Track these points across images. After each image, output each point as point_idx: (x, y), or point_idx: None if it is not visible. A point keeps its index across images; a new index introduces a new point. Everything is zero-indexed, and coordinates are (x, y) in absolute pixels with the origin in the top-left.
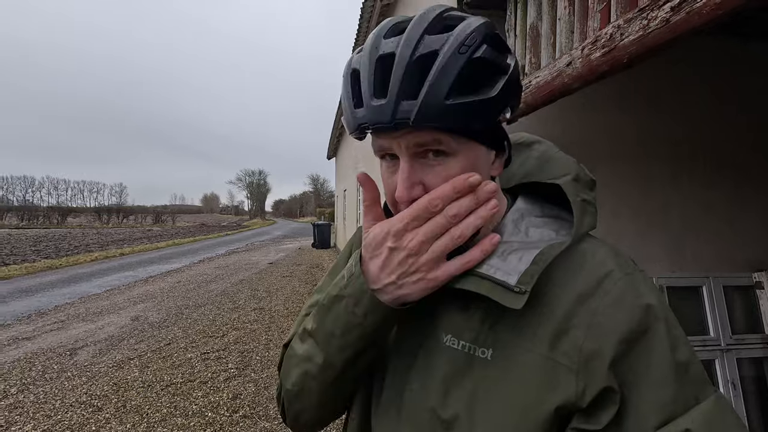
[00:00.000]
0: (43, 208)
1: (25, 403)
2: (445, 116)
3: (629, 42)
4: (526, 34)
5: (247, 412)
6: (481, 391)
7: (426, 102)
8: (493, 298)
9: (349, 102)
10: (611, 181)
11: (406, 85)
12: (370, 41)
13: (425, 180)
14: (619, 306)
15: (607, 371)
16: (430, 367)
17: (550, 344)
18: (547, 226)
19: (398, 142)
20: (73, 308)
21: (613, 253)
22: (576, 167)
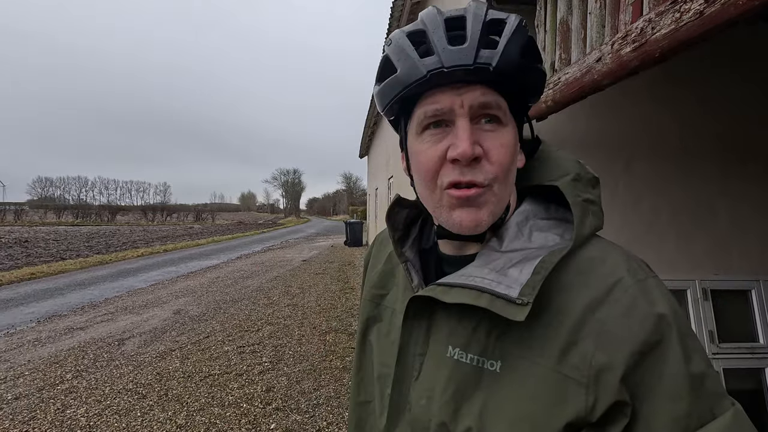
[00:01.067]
0: (95, 207)
1: (78, 388)
2: (518, 69)
3: (661, 36)
4: (556, 29)
5: (279, 405)
6: (491, 405)
7: (507, 51)
8: (494, 311)
9: (411, 56)
10: (650, 179)
11: (485, 36)
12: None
13: (482, 143)
14: (630, 316)
15: (619, 384)
16: (437, 381)
17: (559, 357)
18: (551, 230)
19: (461, 100)
20: (121, 301)
21: (623, 258)
22: (576, 166)
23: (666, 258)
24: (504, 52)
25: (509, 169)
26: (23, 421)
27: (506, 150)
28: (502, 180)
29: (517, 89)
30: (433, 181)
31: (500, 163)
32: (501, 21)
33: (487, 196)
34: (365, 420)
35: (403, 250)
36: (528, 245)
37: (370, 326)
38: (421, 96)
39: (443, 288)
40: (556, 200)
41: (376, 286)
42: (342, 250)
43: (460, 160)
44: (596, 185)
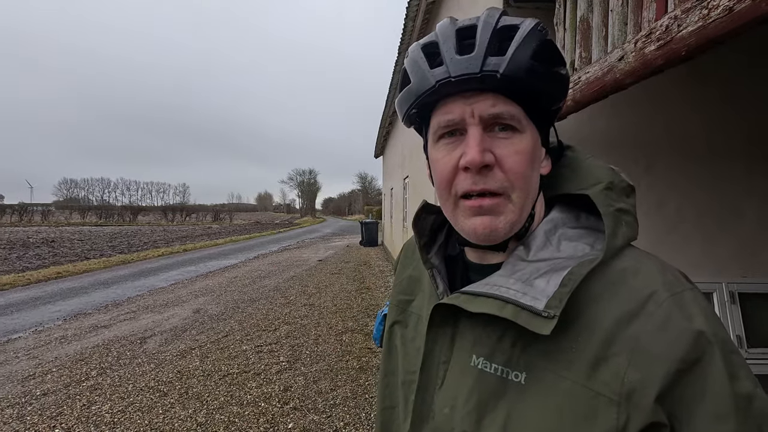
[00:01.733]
0: (117, 207)
1: (103, 385)
2: (530, 75)
3: (687, 33)
4: (576, 28)
5: (296, 404)
6: (515, 417)
7: (515, 57)
8: (519, 323)
9: (422, 67)
10: (674, 179)
11: (493, 43)
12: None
13: (495, 150)
14: (665, 331)
15: (654, 404)
16: (460, 390)
17: (588, 372)
18: (581, 239)
19: (472, 109)
20: (143, 300)
21: (657, 269)
22: (609, 174)
23: (691, 260)
24: (512, 58)
25: (526, 176)
26: (51, 417)
27: (521, 157)
28: (520, 188)
29: (533, 95)
30: (447, 189)
31: (514, 170)
32: (513, 27)
33: (504, 205)
34: (390, 425)
35: (429, 256)
36: (556, 255)
37: (396, 332)
38: (436, 105)
39: (468, 297)
40: (587, 209)
41: (403, 291)
42: (357, 250)
43: (470, 168)
44: (631, 194)
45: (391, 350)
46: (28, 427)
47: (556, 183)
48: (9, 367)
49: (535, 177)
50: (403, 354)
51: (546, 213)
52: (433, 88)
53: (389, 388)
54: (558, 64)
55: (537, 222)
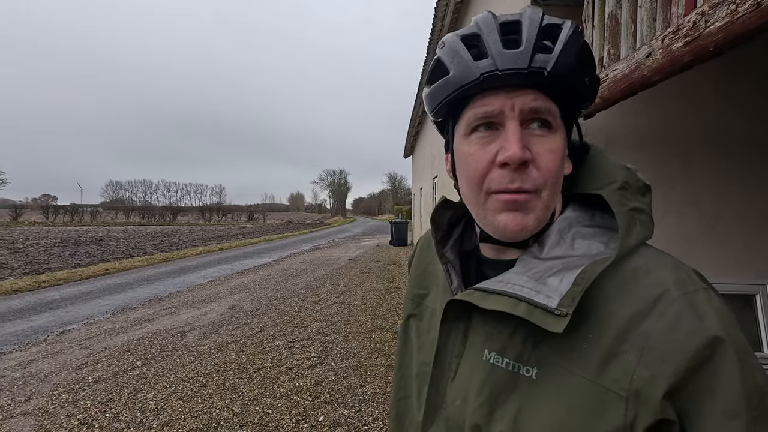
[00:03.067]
0: (158, 208)
1: (147, 374)
2: (572, 75)
3: (715, 29)
4: (604, 24)
5: (327, 399)
6: (526, 410)
7: (562, 56)
8: (532, 321)
9: (465, 58)
10: (711, 177)
11: (540, 40)
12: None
13: (531, 148)
14: (676, 330)
15: (662, 401)
16: (472, 383)
17: (598, 369)
18: (595, 238)
19: (512, 103)
20: (183, 296)
21: (670, 268)
22: (624, 173)
23: (732, 260)
24: (559, 57)
25: (557, 175)
26: (102, 402)
27: (555, 156)
28: (551, 186)
29: (569, 95)
30: (479, 184)
31: (549, 169)
32: (557, 26)
33: (535, 202)
34: (404, 415)
35: (444, 251)
36: (570, 253)
37: (411, 324)
38: (472, 98)
39: (481, 294)
40: (602, 207)
41: (418, 285)
42: (387, 250)
43: (509, 164)
44: (646, 193)
45: (407, 342)
46: (81, 411)
47: (573, 182)
48: (64, 355)
49: (562, 177)
50: (418, 346)
51: (561, 211)
52: (478, 80)
53: (404, 379)
54: (593, 66)
55: (554, 220)
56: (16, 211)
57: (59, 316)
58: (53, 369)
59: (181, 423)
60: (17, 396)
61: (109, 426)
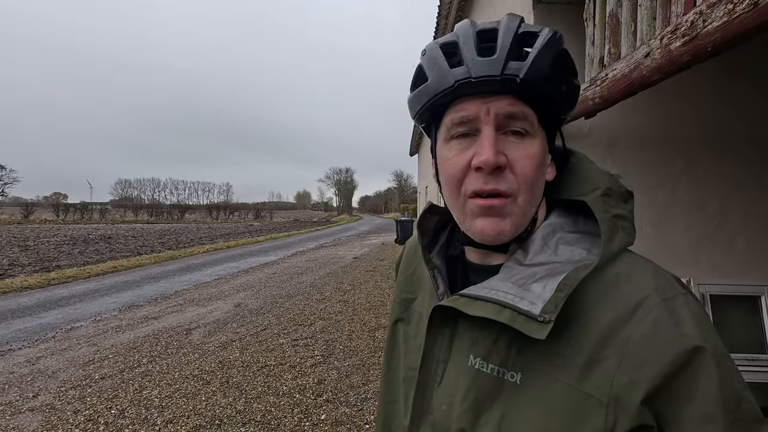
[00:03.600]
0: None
1: (152, 372)
2: (547, 81)
3: (713, 29)
4: (605, 23)
5: (329, 397)
6: (510, 415)
7: (535, 63)
8: (516, 327)
9: (442, 66)
10: (715, 178)
11: (514, 48)
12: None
13: (507, 153)
14: (655, 335)
15: (640, 406)
16: (458, 388)
17: (580, 375)
18: (578, 244)
19: (487, 108)
20: (189, 294)
21: (650, 275)
22: (607, 180)
23: (737, 260)
24: (533, 63)
25: (534, 180)
26: (108, 399)
27: (531, 161)
28: (527, 191)
29: (546, 101)
30: (457, 188)
31: (524, 174)
32: (533, 34)
33: (511, 206)
34: (391, 419)
35: (430, 256)
36: (553, 259)
37: (399, 328)
38: (450, 105)
39: (466, 300)
40: (586, 213)
41: (405, 290)
42: (392, 248)
43: (483, 168)
44: (629, 200)
45: (394, 347)
46: (88, 407)
47: (557, 188)
48: (72, 352)
49: (541, 182)
50: (405, 351)
51: (545, 217)
52: (452, 87)
53: (391, 383)
54: (572, 73)
55: (537, 226)
56: (27, 209)
57: (67, 313)
58: (61, 365)
59: (185, 420)
60: (25, 392)
61: (114, 422)
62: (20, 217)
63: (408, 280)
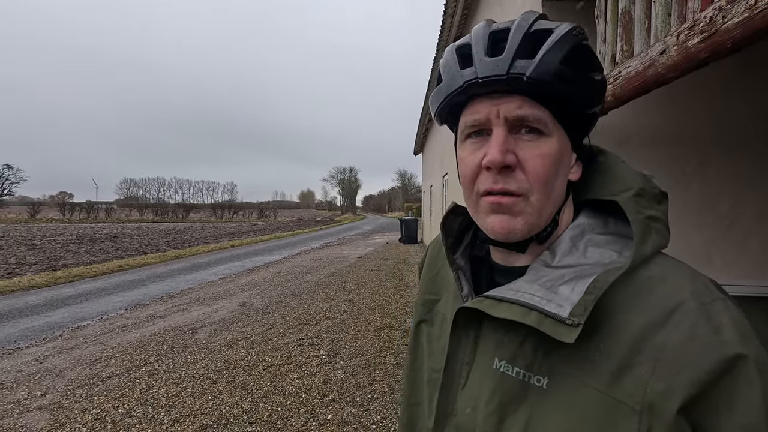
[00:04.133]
0: (171, 205)
1: (159, 370)
2: (559, 79)
3: (733, 25)
4: (617, 20)
5: (336, 397)
6: (536, 420)
7: (543, 60)
8: (543, 330)
9: (453, 67)
10: (728, 177)
11: (524, 46)
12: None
13: (519, 152)
14: (691, 341)
15: (676, 415)
16: (482, 391)
17: (611, 381)
18: (608, 246)
19: (497, 110)
20: (194, 293)
21: (686, 278)
22: (640, 180)
23: (751, 260)
24: (541, 61)
25: (547, 180)
26: (115, 398)
27: (544, 161)
28: (539, 190)
29: (562, 99)
30: (470, 187)
31: (536, 173)
32: (547, 31)
33: (522, 205)
34: (415, 421)
35: (455, 257)
36: (582, 261)
37: (423, 330)
38: (465, 106)
39: (491, 301)
40: (617, 214)
41: (429, 291)
42: (397, 248)
43: (492, 168)
44: (663, 201)
45: (417, 348)
46: (95, 406)
47: (586, 188)
48: (79, 351)
49: (560, 182)
50: (429, 352)
51: (574, 218)
52: (461, 87)
53: (415, 384)
54: (592, 69)
55: (563, 227)
56: (34, 208)
57: (74, 312)
58: (68, 364)
59: (192, 419)
60: (33, 390)
61: (121, 421)
62: (27, 216)
63: (432, 281)
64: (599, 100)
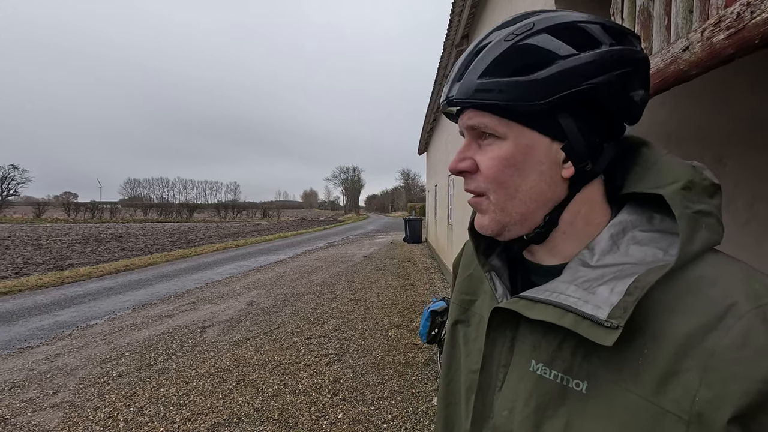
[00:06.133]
0: (175, 205)
1: (169, 369)
2: (474, 94)
3: (762, 20)
4: (635, 17)
5: (346, 396)
6: (575, 425)
7: (464, 81)
8: (580, 332)
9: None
10: (742, 177)
11: (462, 70)
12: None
13: (476, 156)
14: (745, 347)
15: (726, 426)
16: (519, 394)
17: (656, 387)
18: (653, 244)
19: (460, 123)
20: (201, 292)
21: (741, 278)
22: (689, 172)
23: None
24: (463, 81)
25: (500, 179)
26: (126, 396)
27: (495, 162)
28: (495, 190)
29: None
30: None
31: (486, 174)
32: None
33: (486, 204)
34: (453, 421)
35: (489, 258)
36: (624, 260)
37: (459, 330)
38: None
39: (526, 302)
40: (663, 210)
41: (465, 291)
42: (401, 247)
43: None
44: (715, 194)
45: (454, 347)
46: (107, 405)
47: (626, 181)
48: (89, 350)
49: (522, 182)
50: (466, 353)
51: (614, 214)
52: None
53: (452, 384)
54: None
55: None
56: (39, 208)
57: (83, 311)
58: (79, 363)
59: (203, 418)
60: (45, 389)
61: (133, 420)
62: (32, 216)
63: (467, 281)
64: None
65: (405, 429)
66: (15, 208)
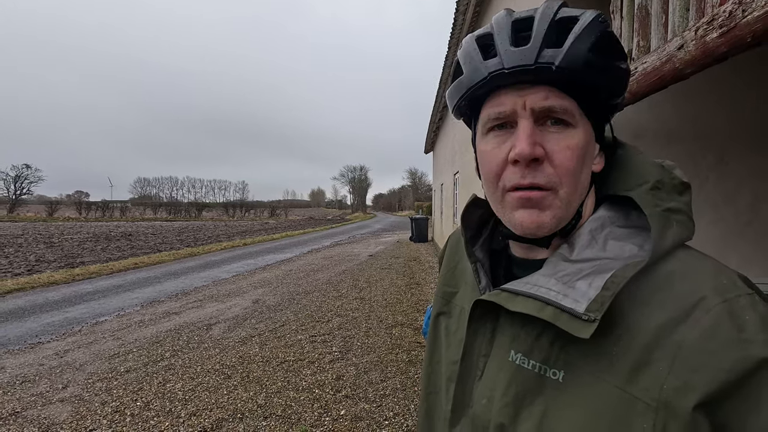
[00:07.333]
0: (184, 204)
1: (175, 365)
2: (587, 68)
3: (753, 19)
4: (633, 15)
5: (348, 393)
6: (551, 413)
7: (572, 49)
8: (558, 325)
9: (475, 58)
10: (747, 172)
11: (550, 35)
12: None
13: (545, 145)
14: (712, 339)
15: (692, 412)
16: (498, 383)
17: (628, 377)
18: (629, 239)
19: (524, 101)
20: (208, 290)
21: (709, 273)
22: (658, 172)
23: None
24: (569, 50)
25: (575, 172)
26: (133, 391)
27: (572, 152)
28: (567, 183)
29: (589, 89)
30: (495, 182)
31: (564, 166)
32: (572, 18)
33: (551, 199)
34: (434, 410)
35: (473, 249)
36: (601, 255)
37: (441, 322)
38: (487, 97)
39: (508, 295)
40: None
41: (448, 283)
42: (407, 246)
43: (520, 161)
44: (684, 191)
45: (436, 339)
46: (114, 399)
47: (605, 182)
48: (98, 346)
49: (585, 173)
50: (447, 344)
51: (594, 211)
52: (485, 79)
53: (433, 374)
54: (618, 57)
55: (584, 220)
56: (51, 207)
57: (92, 308)
58: (88, 358)
59: (208, 413)
60: (55, 383)
61: (140, 414)
62: (45, 214)
63: (450, 273)
64: (624, 89)
65: (406, 426)
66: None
